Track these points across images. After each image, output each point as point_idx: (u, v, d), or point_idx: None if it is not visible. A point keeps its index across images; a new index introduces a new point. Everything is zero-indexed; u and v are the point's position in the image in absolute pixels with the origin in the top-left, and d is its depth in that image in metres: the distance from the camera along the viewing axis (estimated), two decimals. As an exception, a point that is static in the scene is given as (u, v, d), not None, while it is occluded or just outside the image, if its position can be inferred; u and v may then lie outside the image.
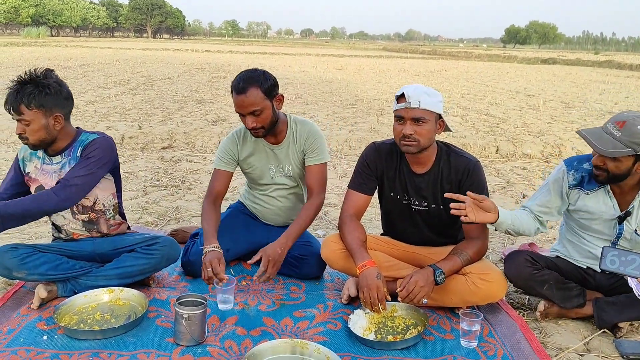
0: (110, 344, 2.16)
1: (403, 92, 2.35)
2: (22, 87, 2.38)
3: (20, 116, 2.39)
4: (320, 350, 2.09)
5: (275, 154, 2.85)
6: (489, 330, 2.38)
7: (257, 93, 2.58)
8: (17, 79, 2.41)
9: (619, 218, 2.40)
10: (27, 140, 2.44)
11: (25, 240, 3.35)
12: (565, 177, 2.49)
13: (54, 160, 2.55)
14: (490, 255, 3.36)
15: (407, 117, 2.35)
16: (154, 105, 9.43)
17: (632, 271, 2.10)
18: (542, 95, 13.72)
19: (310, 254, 2.83)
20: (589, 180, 2.44)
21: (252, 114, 2.60)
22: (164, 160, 5.70)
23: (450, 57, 39.57)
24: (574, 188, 2.48)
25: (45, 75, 2.43)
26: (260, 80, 2.59)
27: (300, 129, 2.84)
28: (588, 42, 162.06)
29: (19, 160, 2.60)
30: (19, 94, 2.36)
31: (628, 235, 2.42)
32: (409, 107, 2.33)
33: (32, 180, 2.58)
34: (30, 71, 2.43)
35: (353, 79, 17.06)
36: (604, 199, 2.42)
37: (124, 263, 2.55)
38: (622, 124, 2.22)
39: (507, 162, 6.28)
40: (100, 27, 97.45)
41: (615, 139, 2.22)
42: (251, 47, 47.55)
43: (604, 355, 2.28)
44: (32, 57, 21.27)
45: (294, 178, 2.90)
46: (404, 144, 2.40)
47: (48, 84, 2.41)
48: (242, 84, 2.57)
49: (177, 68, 18.76)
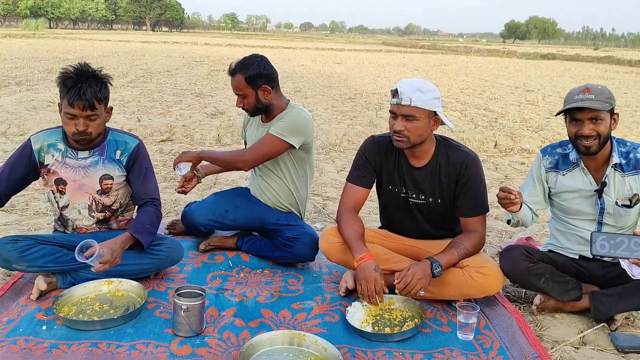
0: (109, 335, 2.18)
1: (396, 88, 2.36)
2: (89, 82, 2.35)
3: (93, 111, 2.38)
4: (317, 341, 2.11)
5: (262, 131, 2.97)
6: (485, 323, 2.40)
7: (240, 79, 2.82)
8: (76, 73, 2.36)
9: (597, 192, 2.46)
10: (89, 135, 2.42)
11: (25, 231, 3.35)
12: (541, 163, 2.60)
13: (80, 154, 2.53)
14: (487, 249, 3.37)
15: (398, 113, 2.37)
16: (153, 98, 9.42)
17: (623, 252, 2.15)
18: (541, 90, 13.72)
19: (303, 234, 2.88)
20: (563, 162, 2.55)
21: (238, 96, 2.87)
22: (162, 152, 5.70)
23: (449, 52, 39.51)
24: (550, 171, 2.58)
25: (98, 69, 2.46)
26: (247, 68, 2.81)
27: (288, 111, 2.93)
28: (588, 37, 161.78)
29: (34, 151, 2.52)
30: (91, 89, 2.34)
31: (610, 209, 2.47)
32: (400, 103, 2.34)
33: (50, 172, 2.53)
34: (82, 65, 2.41)
35: (352, 73, 17.03)
36: (580, 176, 2.51)
37: (128, 261, 2.53)
38: (587, 90, 2.35)
39: (505, 156, 6.29)
40: (99, 19, 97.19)
41: (594, 100, 2.32)
42: (250, 41, 47.41)
43: (600, 348, 2.30)
44: (31, 49, 21.20)
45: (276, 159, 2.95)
46: (395, 139, 2.42)
47: (106, 77, 2.45)
48: (234, 66, 2.84)
49: (176, 61, 18.72)
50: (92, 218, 2.62)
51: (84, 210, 2.60)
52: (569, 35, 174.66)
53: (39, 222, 3.55)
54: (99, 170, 2.54)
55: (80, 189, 2.56)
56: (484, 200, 2.52)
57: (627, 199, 2.45)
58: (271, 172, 3.00)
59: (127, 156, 2.58)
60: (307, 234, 2.88)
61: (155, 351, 2.09)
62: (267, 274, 2.85)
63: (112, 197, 2.62)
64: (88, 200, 2.58)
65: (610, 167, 2.44)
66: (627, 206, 2.45)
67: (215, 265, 2.91)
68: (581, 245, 2.56)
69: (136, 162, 2.60)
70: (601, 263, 2.55)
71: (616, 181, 2.45)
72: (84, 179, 2.54)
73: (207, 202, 3.06)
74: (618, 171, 2.45)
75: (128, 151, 2.59)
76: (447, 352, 2.17)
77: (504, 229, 3.80)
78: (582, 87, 2.38)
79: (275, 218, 2.98)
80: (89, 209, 2.60)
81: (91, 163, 2.54)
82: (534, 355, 2.13)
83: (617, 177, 2.45)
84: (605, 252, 2.17)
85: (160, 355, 2.07)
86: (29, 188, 4.16)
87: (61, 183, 2.54)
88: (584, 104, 2.32)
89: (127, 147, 2.59)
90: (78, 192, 2.56)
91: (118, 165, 2.57)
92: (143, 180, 2.62)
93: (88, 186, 2.56)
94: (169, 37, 50.92)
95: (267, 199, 3.05)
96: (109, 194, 2.60)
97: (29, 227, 3.46)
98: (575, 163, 2.51)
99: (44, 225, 3.48)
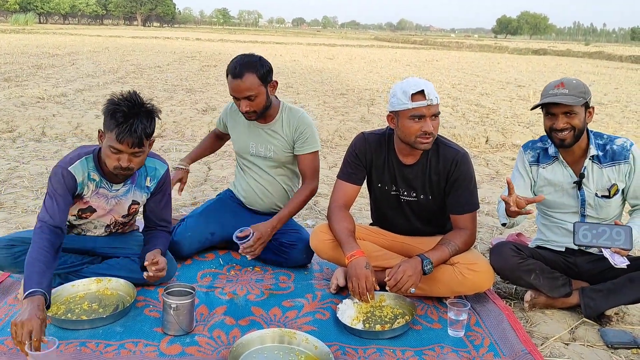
0: (98, 334, 2.16)
1: (422, 89, 2.31)
2: (140, 118, 2.21)
3: (141, 148, 2.26)
4: (308, 339, 2.10)
5: (258, 132, 2.89)
6: (476, 320, 2.40)
7: (253, 78, 2.63)
8: (127, 106, 2.20)
9: (577, 184, 2.51)
10: (130, 171, 2.30)
11: (12, 230, 3.32)
12: (524, 157, 2.66)
13: (114, 187, 2.44)
14: (478, 246, 3.37)
15: (428, 114, 2.34)
16: (144, 94, 9.30)
17: (605, 242, 2.24)
18: (532, 85, 13.77)
19: (298, 240, 2.84)
20: (544, 156, 2.61)
21: (247, 98, 2.66)
22: (153, 149, 5.65)
23: (441, 47, 39.57)
24: (533, 165, 2.63)
25: (143, 100, 2.30)
26: (257, 66, 2.65)
27: (291, 116, 2.86)
28: (579, 33, 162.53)
29: (78, 184, 2.33)
30: (142, 125, 2.21)
31: (591, 201, 2.51)
32: (432, 104, 2.33)
33: (82, 201, 2.42)
34: (133, 96, 2.26)
35: (344, 68, 17.01)
36: (559, 169, 2.56)
37: (118, 272, 2.51)
38: (562, 84, 2.41)
39: (496, 152, 6.30)
40: (90, 14, 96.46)
41: (568, 95, 2.38)
42: (242, 36, 47.26)
43: (589, 344, 2.31)
44: (20, 44, 21.01)
45: (274, 161, 2.92)
46: (423, 142, 2.38)
47: (156, 111, 2.32)
48: (239, 68, 2.62)
49: (167, 57, 18.61)
50: (106, 232, 2.61)
51: (101, 227, 2.57)
52: (560, 30, 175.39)
53: (28, 219, 3.51)
54: (129, 198, 2.50)
55: (108, 214, 2.52)
56: (474, 197, 2.52)
57: (605, 189, 2.49)
58: (270, 177, 2.95)
59: (155, 183, 2.52)
60: (303, 241, 2.83)
61: (145, 350, 2.07)
62: (258, 271, 2.84)
63: (131, 216, 2.61)
64: (109, 221, 2.56)
65: (587, 159, 2.49)
66: (607, 197, 2.49)
67: (206, 263, 2.89)
68: (566, 238, 2.58)
69: (161, 188, 2.55)
70: (588, 257, 2.57)
71: (594, 173, 2.50)
72: (115, 207, 2.50)
73: (189, 227, 2.89)
74: (596, 163, 2.49)
75: (157, 178, 2.52)
76: (438, 349, 2.17)
77: (495, 225, 3.81)
78: (557, 81, 2.44)
79: None
80: (106, 227, 2.58)
81: (123, 192, 2.48)
82: (524, 351, 2.13)
83: (595, 169, 2.50)
84: (588, 241, 2.26)
85: (150, 354, 2.05)
86: (18, 185, 4.15)
87: (88, 211, 2.46)
88: (556, 99, 2.38)
89: (157, 173, 2.52)
90: (103, 216, 2.52)
91: (145, 192, 2.53)
92: (164, 206, 2.59)
93: (116, 211, 2.52)
94: (160, 32, 50.60)
95: (261, 203, 3.00)
96: (132, 215, 2.60)
97: (17, 224, 3.42)
98: (554, 157, 2.56)
99: (33, 223, 3.44)
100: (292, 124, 2.85)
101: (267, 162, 2.93)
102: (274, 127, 2.87)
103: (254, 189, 2.99)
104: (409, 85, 2.34)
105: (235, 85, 2.64)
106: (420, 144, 2.39)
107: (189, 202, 3.99)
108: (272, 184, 2.97)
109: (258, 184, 2.98)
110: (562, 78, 2.46)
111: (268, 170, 2.94)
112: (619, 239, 2.23)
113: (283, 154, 2.90)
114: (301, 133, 2.84)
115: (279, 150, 2.88)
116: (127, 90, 2.32)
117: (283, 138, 2.87)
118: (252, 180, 2.99)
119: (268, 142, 2.89)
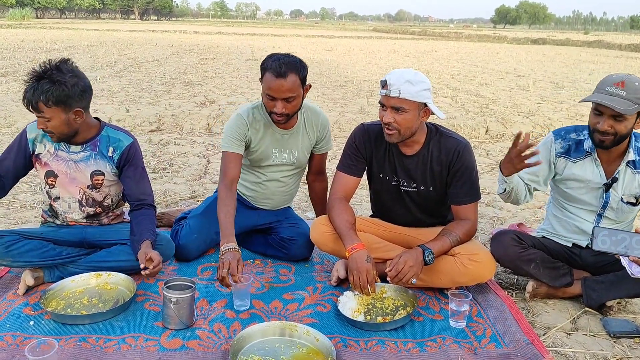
0: (98, 329, 2.15)
1: (386, 79, 2.31)
2: (39, 84, 2.26)
3: (40, 113, 2.32)
4: (309, 332, 2.09)
5: (282, 138, 2.78)
6: (477, 311, 2.39)
7: (295, 80, 2.51)
8: (32, 74, 2.30)
9: (605, 186, 2.42)
10: (52, 134, 2.38)
11: (11, 225, 3.31)
12: (553, 146, 2.53)
13: (72, 149, 2.49)
14: (479, 236, 3.36)
15: (387, 104, 2.33)
16: (142, 87, 9.31)
17: (623, 249, 2.13)
18: (531, 75, 13.72)
19: (298, 235, 2.83)
20: (576, 149, 2.48)
21: (285, 99, 2.52)
22: (151, 143, 5.64)
23: (440, 38, 39.43)
24: (560, 156, 2.51)
25: (60, 69, 2.30)
26: (299, 68, 2.54)
27: (314, 118, 2.83)
28: (578, 22, 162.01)
29: (28, 140, 2.48)
30: (36, 92, 2.26)
31: (614, 204, 2.44)
32: (389, 95, 2.30)
33: (42, 163, 2.50)
34: (45, 64, 2.31)
35: (343, 60, 16.95)
36: (590, 167, 2.45)
37: (117, 257, 2.51)
38: (622, 83, 2.23)
39: (496, 142, 6.28)
40: (87, 8, 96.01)
41: (624, 98, 2.22)
42: (240, 29, 47.06)
43: (592, 333, 2.30)
44: (17, 39, 20.92)
45: (296, 164, 2.87)
46: (385, 132, 2.39)
47: (64, 80, 2.29)
48: (284, 68, 2.48)
49: (164, 50, 18.54)
50: (82, 212, 2.59)
51: (74, 204, 2.57)
52: (559, 20, 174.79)
53: (26, 215, 3.50)
54: (90, 165, 2.50)
55: (71, 183, 2.52)
56: (476, 188, 2.50)
57: (633, 196, 2.42)
58: (285, 179, 2.89)
59: (119, 154, 2.53)
60: (303, 235, 2.81)
61: (145, 345, 2.06)
62: (259, 264, 2.83)
63: (102, 193, 2.58)
64: (78, 194, 2.55)
65: (624, 163, 2.40)
66: (632, 204, 2.43)
67: (206, 258, 2.87)
68: (576, 234, 2.55)
69: (130, 161, 2.54)
70: (593, 251, 2.53)
71: (626, 177, 2.41)
72: (75, 172, 2.50)
73: (194, 230, 2.81)
74: (630, 167, 2.40)
75: (120, 149, 2.53)
76: (440, 340, 2.16)
77: (496, 215, 3.80)
78: (619, 77, 2.25)
79: (267, 219, 2.94)
80: (79, 203, 2.57)
81: (83, 158, 2.49)
82: (526, 341, 2.12)
83: (627, 174, 2.41)
84: (606, 248, 2.14)
85: (150, 348, 2.04)
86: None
87: (51, 175, 2.50)
88: (606, 101, 2.22)
89: (120, 144, 2.53)
90: (69, 185, 2.52)
91: (109, 162, 2.53)
92: (139, 180, 2.57)
93: (79, 180, 2.52)
94: (158, 25, 50.44)
95: (269, 203, 2.95)
96: (99, 189, 2.56)
97: (16, 220, 3.41)
98: (588, 152, 2.45)
99: (32, 218, 3.43)
100: (317, 125, 2.83)
101: (286, 167, 2.86)
102: (297, 131, 2.79)
103: (264, 190, 2.91)
104: (386, 75, 2.35)
105: (277, 85, 2.48)
106: (385, 134, 2.39)
107: (188, 196, 3.98)
108: (285, 185, 2.92)
109: (270, 186, 2.90)
110: (627, 75, 2.26)
111: (284, 174, 2.88)
112: (639, 247, 2.11)
113: (304, 156, 2.87)
114: (324, 135, 2.87)
115: (301, 153, 2.84)
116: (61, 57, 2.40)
117: (307, 139, 2.83)
118: (263, 184, 2.90)
119: (291, 148, 2.80)
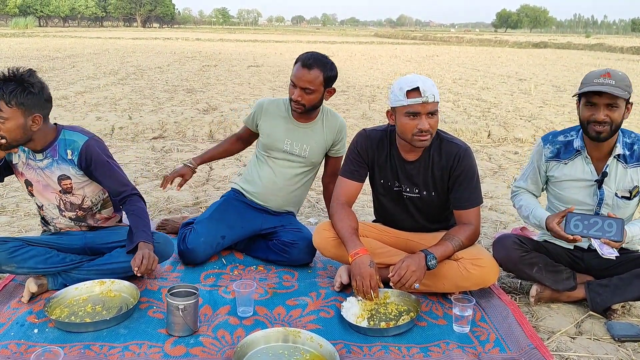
0: (102, 336, 2.15)
1: (417, 86, 2.29)
2: (4, 84, 2.28)
3: None
4: (313, 338, 2.09)
5: (297, 131, 2.91)
6: (481, 315, 2.39)
7: (318, 75, 2.72)
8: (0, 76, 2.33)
9: (597, 182, 2.44)
10: (2, 138, 2.32)
11: (15, 233, 3.32)
12: (542, 151, 2.57)
13: (37, 157, 2.50)
14: (482, 241, 3.36)
15: (423, 111, 2.31)
16: (144, 95, 9.35)
17: (596, 233, 2.25)
18: (533, 79, 13.72)
19: (300, 238, 2.84)
20: (565, 150, 2.52)
21: (304, 89, 2.72)
22: (154, 150, 5.66)
23: (441, 42, 39.46)
24: (551, 160, 2.55)
25: (28, 75, 2.35)
26: (327, 67, 2.75)
27: (333, 120, 2.95)
28: (579, 25, 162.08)
29: None
30: (0, 90, 2.28)
31: (610, 201, 2.45)
32: (427, 101, 2.29)
33: (19, 173, 2.55)
34: (13, 69, 2.34)
35: (344, 65, 16.96)
36: (581, 165, 2.48)
37: (118, 259, 2.52)
38: (608, 74, 2.30)
39: (498, 146, 6.28)
40: (89, 16, 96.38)
41: (614, 86, 2.27)
42: (242, 35, 47.22)
43: (596, 337, 2.29)
44: (21, 47, 21.02)
45: (307, 160, 2.93)
46: (420, 139, 2.36)
47: (32, 83, 2.32)
48: (312, 60, 2.72)
49: (167, 57, 18.59)
50: (64, 217, 2.61)
51: (55, 210, 2.59)
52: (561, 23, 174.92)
53: (30, 223, 3.51)
54: (54, 171, 2.51)
55: (46, 190, 2.55)
56: (477, 192, 2.50)
57: (627, 190, 2.43)
58: (293, 175, 2.95)
59: (77, 155, 2.50)
60: (304, 239, 2.82)
61: (149, 352, 2.06)
62: (262, 270, 2.83)
63: (78, 195, 2.58)
64: (55, 200, 2.57)
65: (612, 158, 2.41)
66: (627, 198, 2.44)
67: (209, 265, 2.87)
68: None
69: (91, 159, 2.50)
70: (596, 253, 2.53)
71: (618, 172, 2.43)
72: (46, 179, 2.52)
73: (201, 233, 2.82)
74: (621, 162, 2.42)
75: (77, 149, 2.50)
76: (444, 345, 2.16)
77: (499, 219, 3.79)
78: (603, 71, 2.33)
79: (271, 223, 2.95)
80: (58, 209, 2.59)
81: (47, 165, 2.50)
82: (531, 346, 2.12)
83: (619, 168, 2.42)
84: (579, 231, 2.26)
85: (154, 355, 2.04)
86: (20, 189, 4.14)
87: (29, 185, 2.55)
88: (603, 88, 2.27)
89: (76, 145, 2.51)
90: (44, 192, 2.56)
91: (71, 165, 2.51)
92: (110, 175, 2.53)
93: (51, 187, 2.54)
94: (160, 33, 50.59)
95: (274, 200, 2.96)
96: (72, 193, 2.57)
97: (20, 228, 3.42)
98: (577, 151, 2.48)
99: (35, 226, 3.44)
100: (335, 127, 2.95)
101: (297, 161, 2.92)
102: (313, 127, 2.91)
103: (271, 184, 2.94)
104: (406, 82, 2.32)
105: (301, 73, 2.72)
106: (417, 141, 2.37)
107: (191, 202, 3.99)
108: (293, 182, 2.95)
109: (277, 180, 2.94)
110: (607, 69, 2.35)
111: (293, 169, 2.94)
112: (611, 230, 2.22)
113: (317, 155, 2.93)
114: (341, 139, 2.97)
115: (314, 150, 2.91)
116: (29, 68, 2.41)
117: (322, 139, 2.92)
118: (272, 175, 2.94)
119: (305, 142, 2.90)
